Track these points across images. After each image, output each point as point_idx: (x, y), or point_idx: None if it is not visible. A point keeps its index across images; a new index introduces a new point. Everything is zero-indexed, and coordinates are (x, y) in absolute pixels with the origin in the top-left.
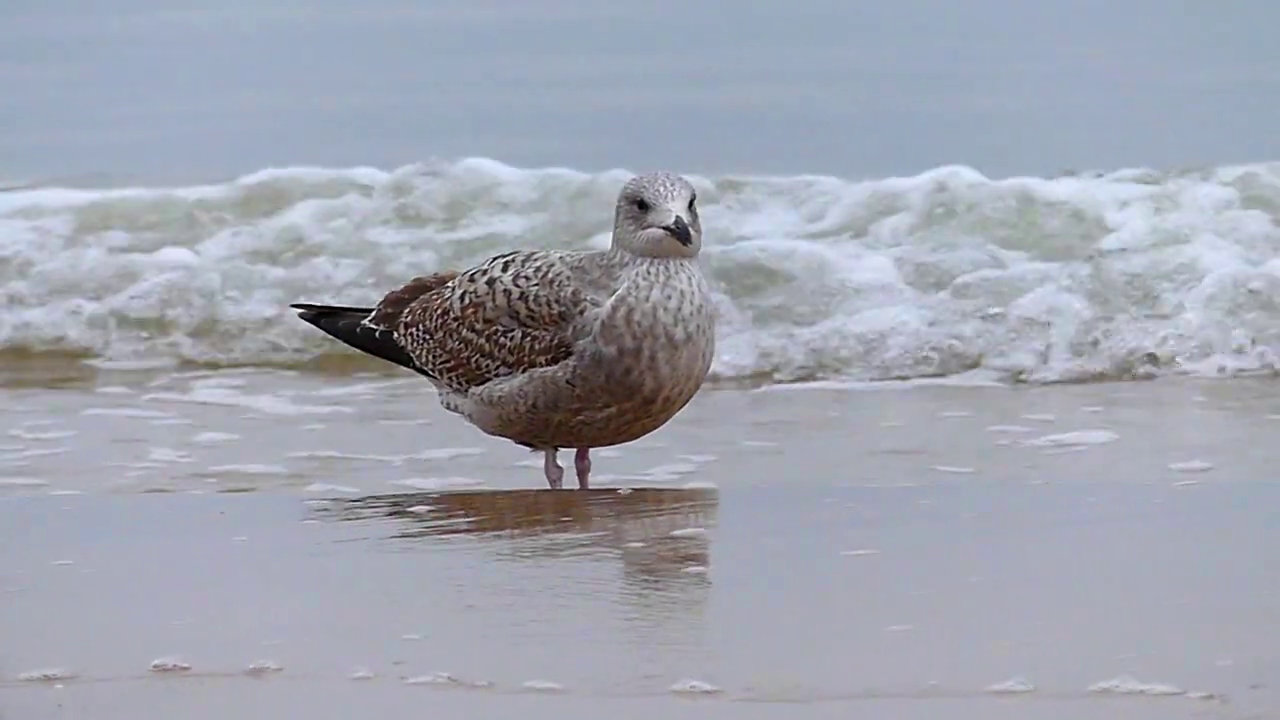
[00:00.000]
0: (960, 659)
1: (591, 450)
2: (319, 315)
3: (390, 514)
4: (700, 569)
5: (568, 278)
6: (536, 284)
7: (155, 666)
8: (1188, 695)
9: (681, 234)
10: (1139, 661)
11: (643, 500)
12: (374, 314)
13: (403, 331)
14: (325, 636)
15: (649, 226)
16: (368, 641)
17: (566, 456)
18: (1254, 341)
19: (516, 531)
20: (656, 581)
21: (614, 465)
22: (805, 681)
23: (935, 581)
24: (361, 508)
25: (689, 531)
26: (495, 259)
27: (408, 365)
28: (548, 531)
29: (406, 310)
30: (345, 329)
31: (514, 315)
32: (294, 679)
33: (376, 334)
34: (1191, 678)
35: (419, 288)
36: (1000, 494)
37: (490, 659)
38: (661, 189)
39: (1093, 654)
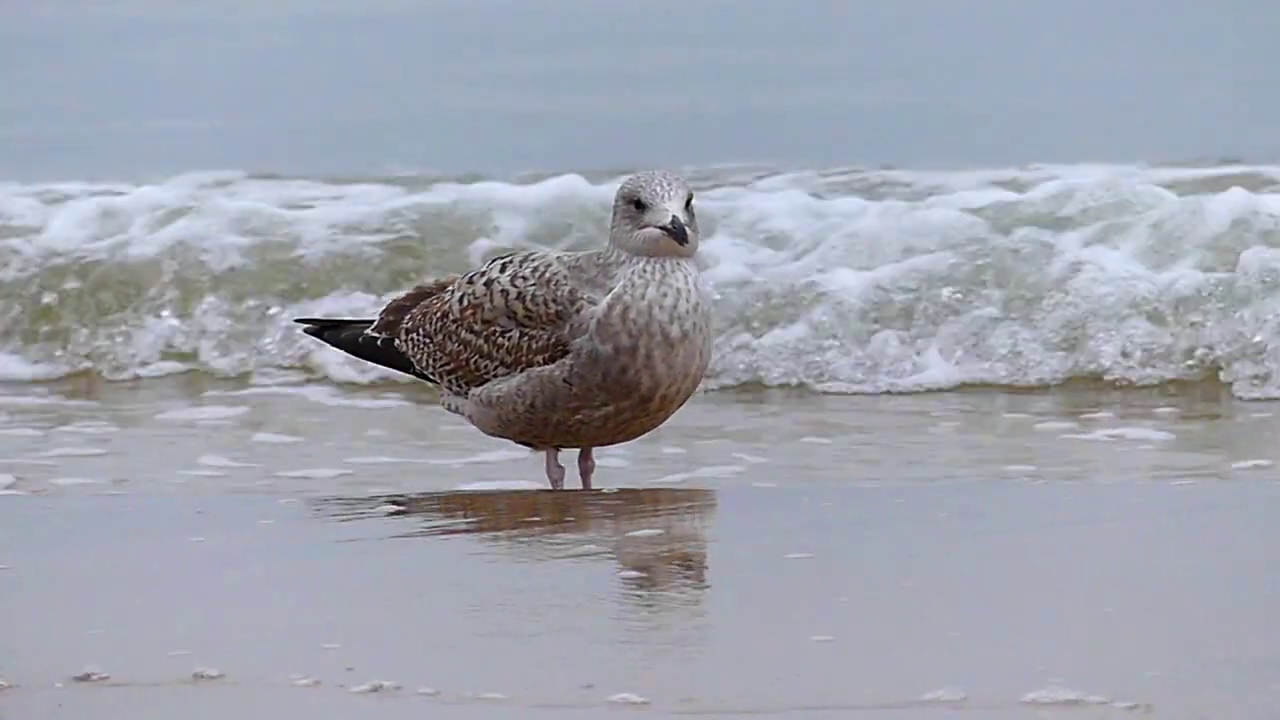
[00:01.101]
0: (893, 668)
1: (639, 445)
2: (322, 329)
3: (362, 516)
4: (648, 575)
5: (564, 277)
6: (534, 284)
7: (76, 676)
8: (1114, 705)
9: (678, 234)
10: (1069, 670)
11: (639, 501)
12: (376, 323)
13: (404, 338)
14: (276, 642)
15: (645, 226)
16: (321, 647)
17: (571, 458)
18: None
19: (509, 533)
20: (613, 587)
21: (672, 463)
22: (733, 693)
23: (872, 587)
24: (342, 508)
25: (648, 533)
26: (494, 260)
27: (409, 371)
28: (522, 534)
29: (407, 317)
30: (348, 340)
31: (511, 315)
32: (234, 686)
33: (378, 342)
34: (1119, 687)
35: (420, 295)
36: (986, 494)
37: (443, 665)
38: (659, 188)
39: (1024, 662)
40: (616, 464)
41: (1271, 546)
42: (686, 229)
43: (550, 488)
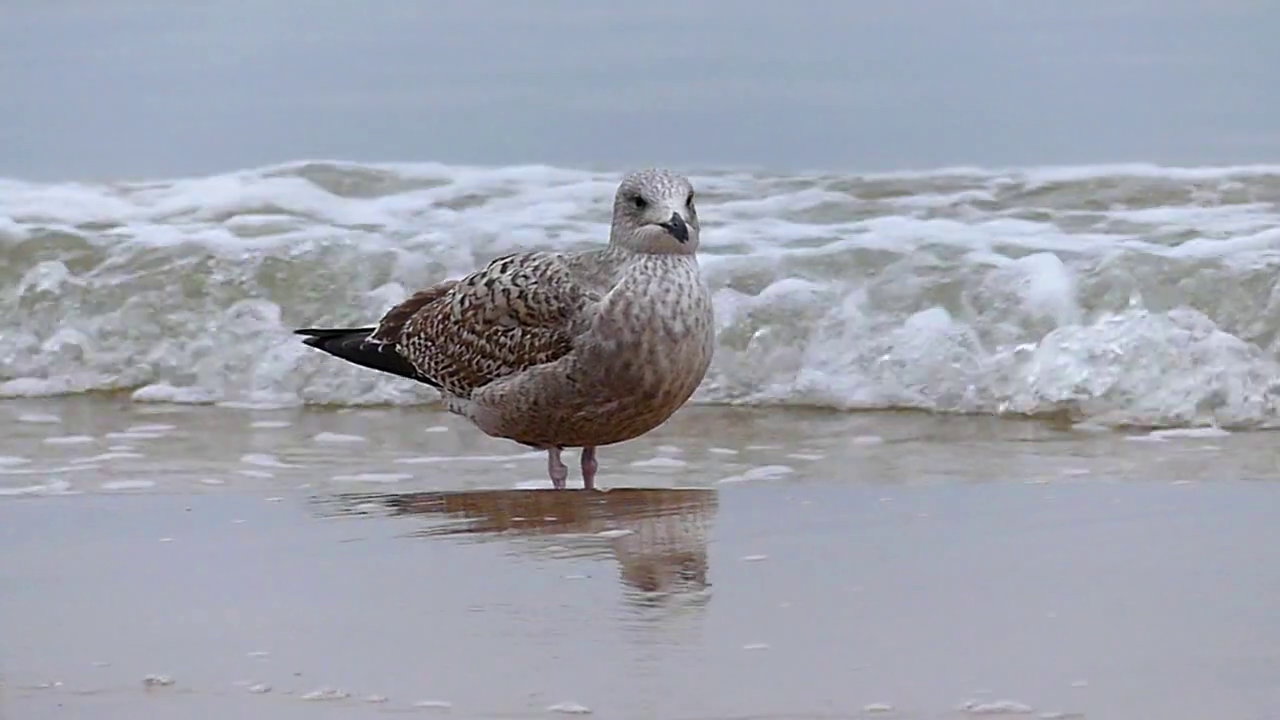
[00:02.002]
0: (821, 678)
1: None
2: (323, 339)
3: (344, 516)
4: (606, 578)
5: (566, 274)
6: (535, 282)
7: (20, 684)
8: (1041, 714)
9: (678, 231)
10: (1000, 679)
11: (642, 500)
12: (376, 330)
13: (405, 343)
14: (231, 646)
15: (646, 223)
16: (274, 652)
17: (574, 459)
18: None
19: (480, 535)
20: (570, 590)
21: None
22: (671, 704)
23: (817, 592)
24: (332, 508)
25: (616, 534)
26: (494, 261)
27: (411, 376)
28: (488, 535)
29: (408, 322)
30: (348, 349)
31: (514, 314)
32: (185, 693)
33: (379, 349)
34: (1048, 696)
35: (421, 300)
36: (977, 494)
37: (398, 671)
38: (659, 185)
39: (958, 670)
40: (672, 464)
41: (1229, 551)
42: (687, 226)
43: (553, 487)
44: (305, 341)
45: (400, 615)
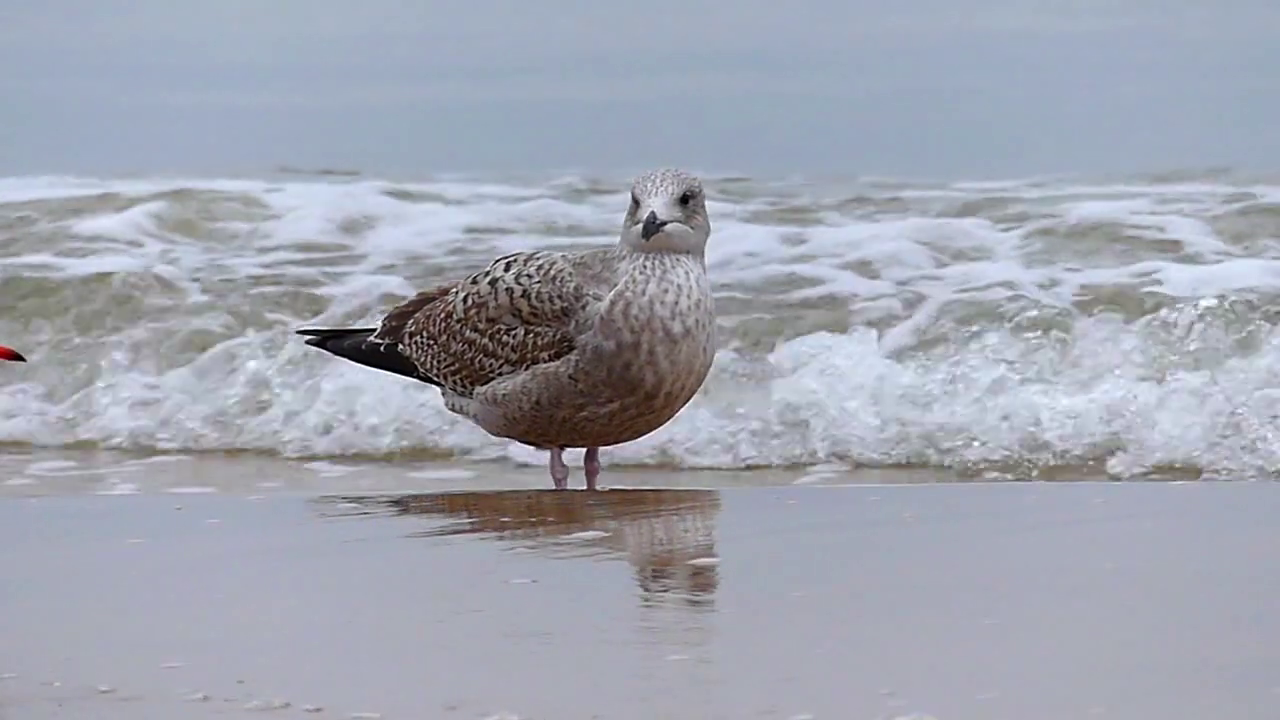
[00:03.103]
0: (741, 690)
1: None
2: (325, 339)
3: (316, 518)
4: (556, 581)
5: (570, 274)
6: (539, 281)
7: None
8: None
9: (645, 230)
10: (916, 691)
11: (640, 501)
12: (378, 329)
13: (407, 342)
14: (175, 654)
15: (637, 222)
16: (220, 659)
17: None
18: None
19: (440, 537)
20: (520, 593)
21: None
22: (606, 714)
23: (759, 598)
24: (326, 508)
25: (589, 536)
26: (497, 260)
27: (413, 375)
28: (461, 537)
29: (410, 321)
30: (351, 348)
31: (516, 313)
32: (122, 701)
33: (381, 348)
34: (958, 710)
35: (423, 300)
36: (971, 494)
37: (337, 680)
38: (649, 185)
39: (877, 683)
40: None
41: (1194, 554)
42: (663, 225)
43: (555, 487)
44: (308, 341)
45: (353, 621)
